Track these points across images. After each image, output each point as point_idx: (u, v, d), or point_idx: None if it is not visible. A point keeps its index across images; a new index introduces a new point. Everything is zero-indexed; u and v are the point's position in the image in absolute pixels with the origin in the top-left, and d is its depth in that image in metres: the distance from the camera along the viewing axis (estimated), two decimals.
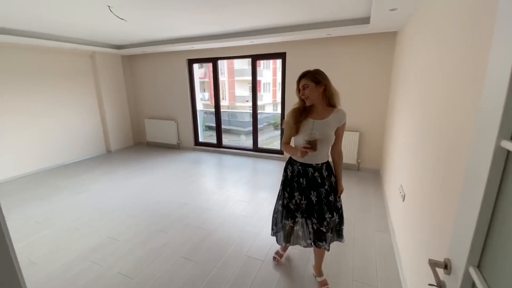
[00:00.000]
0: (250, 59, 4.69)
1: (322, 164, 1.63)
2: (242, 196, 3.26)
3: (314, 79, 1.52)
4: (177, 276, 1.92)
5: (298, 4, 2.64)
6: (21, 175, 4.14)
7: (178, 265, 2.04)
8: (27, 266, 2.05)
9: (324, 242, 1.66)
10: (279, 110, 4.58)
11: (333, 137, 1.59)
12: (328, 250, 1.68)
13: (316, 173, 1.62)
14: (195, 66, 5.40)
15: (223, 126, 5.47)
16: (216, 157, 5.05)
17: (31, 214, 2.90)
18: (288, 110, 4.45)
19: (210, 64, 5.12)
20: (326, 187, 1.63)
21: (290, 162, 1.71)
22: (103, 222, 2.69)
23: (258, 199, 3.20)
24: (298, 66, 4.12)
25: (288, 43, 4.16)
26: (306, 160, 1.61)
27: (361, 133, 4.00)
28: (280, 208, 1.80)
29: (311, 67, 1.60)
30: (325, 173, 1.64)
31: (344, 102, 3.98)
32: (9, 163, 4.00)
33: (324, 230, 1.63)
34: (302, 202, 1.68)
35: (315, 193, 1.63)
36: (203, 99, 16.72)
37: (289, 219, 1.75)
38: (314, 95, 1.53)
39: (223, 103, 16.93)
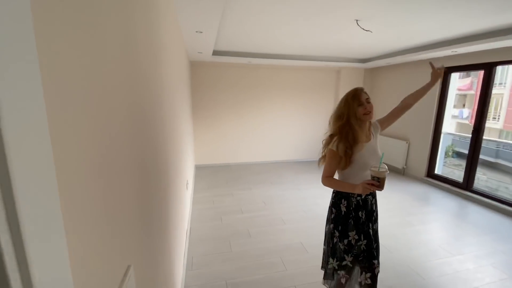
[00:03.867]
0: None
1: None
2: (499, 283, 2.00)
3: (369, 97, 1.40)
4: None
5: None
6: (267, 161, 5.60)
7: None
8: (245, 236, 2.66)
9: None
10: None
11: None
12: None
13: (374, 199, 1.47)
14: (454, 75, 4.11)
15: (485, 157, 3.75)
16: (456, 203, 3.60)
17: (264, 194, 3.78)
18: None
19: (481, 72, 3.63)
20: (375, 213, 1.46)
21: (343, 195, 1.43)
22: (302, 226, 2.86)
23: None
24: None
25: None
26: None
27: None
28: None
29: None
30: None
31: None
32: (262, 151, 5.56)
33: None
34: (360, 242, 1.39)
35: (370, 225, 1.42)
36: (460, 117, 12.84)
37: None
38: (373, 111, 1.37)
39: (492, 124, 11.88)
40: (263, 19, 2.57)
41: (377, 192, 1.48)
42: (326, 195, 3.75)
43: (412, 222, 2.98)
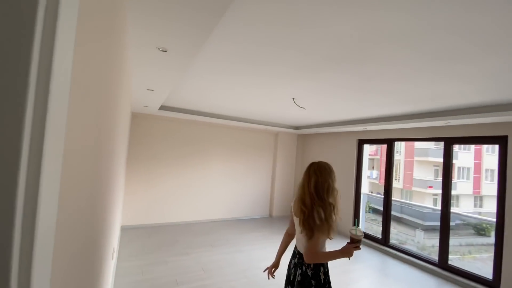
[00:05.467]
0: (442, 142, 3.72)
1: None
2: None
3: None
4: None
5: None
6: (207, 220, 5.32)
7: None
8: None
9: None
10: (489, 208, 3.03)
11: None
12: None
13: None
14: (366, 145, 5.06)
15: (393, 213, 4.42)
16: (378, 258, 4.01)
17: (203, 259, 3.46)
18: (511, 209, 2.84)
19: (384, 145, 4.59)
20: None
21: (319, 263, 1.45)
22: None
23: None
24: None
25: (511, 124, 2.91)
26: None
27: None
28: None
29: None
30: None
31: None
32: (202, 209, 5.30)
33: None
34: None
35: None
36: (370, 177, 15.26)
37: None
38: None
39: (395, 185, 14.47)
40: (213, 86, 2.80)
41: None
42: (269, 256, 3.69)
43: (346, 281, 3.14)
